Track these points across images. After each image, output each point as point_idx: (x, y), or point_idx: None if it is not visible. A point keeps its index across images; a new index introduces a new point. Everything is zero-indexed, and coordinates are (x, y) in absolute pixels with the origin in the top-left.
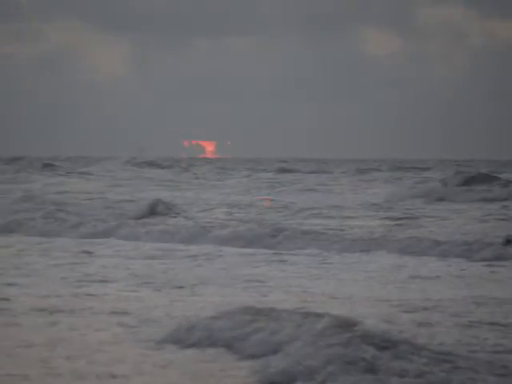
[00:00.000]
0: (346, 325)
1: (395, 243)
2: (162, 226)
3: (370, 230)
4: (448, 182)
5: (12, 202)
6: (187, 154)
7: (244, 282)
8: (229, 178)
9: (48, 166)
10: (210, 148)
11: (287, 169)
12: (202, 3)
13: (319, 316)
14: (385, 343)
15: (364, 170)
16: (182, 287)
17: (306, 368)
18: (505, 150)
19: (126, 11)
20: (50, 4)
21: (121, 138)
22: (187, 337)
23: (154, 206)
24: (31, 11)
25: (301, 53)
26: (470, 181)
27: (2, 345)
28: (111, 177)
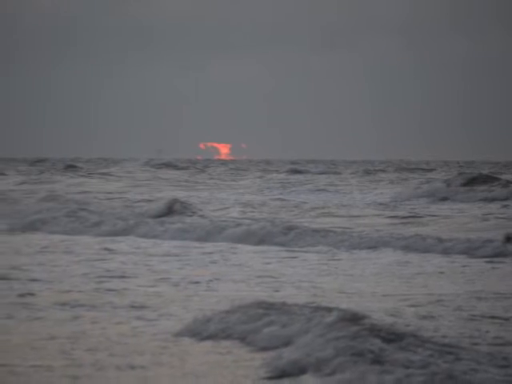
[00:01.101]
0: (354, 318)
1: (401, 241)
2: (178, 225)
3: (376, 228)
4: (451, 182)
5: (36, 201)
6: (203, 156)
7: (257, 278)
8: (242, 179)
9: (70, 167)
10: (224, 150)
11: (298, 170)
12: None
13: (329, 310)
14: (391, 336)
15: (371, 171)
16: (198, 282)
17: (315, 359)
18: (505, 152)
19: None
20: None
21: (140, 140)
22: (203, 330)
23: (172, 205)
24: None
25: (307, 56)
26: (472, 181)
27: (26, 337)
28: (131, 177)
